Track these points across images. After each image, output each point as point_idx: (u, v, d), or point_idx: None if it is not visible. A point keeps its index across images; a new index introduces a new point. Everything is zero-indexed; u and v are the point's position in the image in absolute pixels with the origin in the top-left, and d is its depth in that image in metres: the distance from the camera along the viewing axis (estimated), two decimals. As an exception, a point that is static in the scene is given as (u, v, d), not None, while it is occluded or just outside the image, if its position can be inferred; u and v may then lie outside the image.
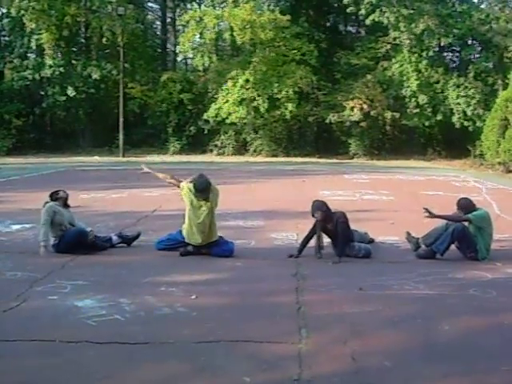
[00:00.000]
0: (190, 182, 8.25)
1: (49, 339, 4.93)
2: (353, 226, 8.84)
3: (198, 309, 5.77)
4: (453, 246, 8.09)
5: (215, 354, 4.68)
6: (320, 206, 8.11)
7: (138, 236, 8.75)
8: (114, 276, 7.02)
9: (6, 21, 37.22)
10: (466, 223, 8.07)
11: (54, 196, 8.36)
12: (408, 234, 8.66)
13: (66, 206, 8.40)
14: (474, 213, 8.06)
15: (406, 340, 5.06)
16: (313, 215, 8.09)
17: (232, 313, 5.72)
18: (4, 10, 36.71)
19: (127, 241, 8.69)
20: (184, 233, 8.23)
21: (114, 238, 8.64)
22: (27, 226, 10.13)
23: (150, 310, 5.73)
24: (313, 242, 8.14)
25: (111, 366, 4.48)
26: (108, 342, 4.89)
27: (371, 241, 8.98)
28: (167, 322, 5.44)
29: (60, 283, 6.60)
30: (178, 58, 42.09)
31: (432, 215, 8.15)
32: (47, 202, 8.24)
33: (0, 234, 9.68)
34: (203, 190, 8.02)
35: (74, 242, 8.04)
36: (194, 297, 6.13)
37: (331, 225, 8.09)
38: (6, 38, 37.91)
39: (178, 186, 8.48)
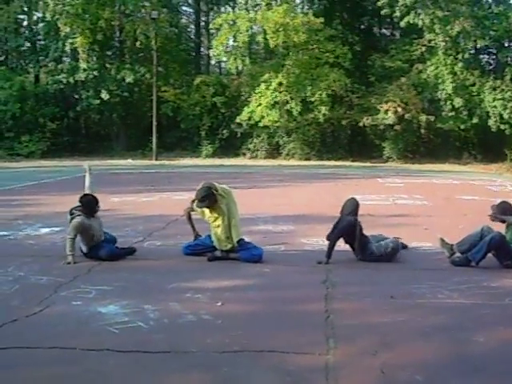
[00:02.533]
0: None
1: (69, 347, 4.80)
2: (386, 232, 8.65)
3: (224, 316, 5.61)
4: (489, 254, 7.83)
5: (239, 365, 4.51)
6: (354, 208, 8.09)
7: (131, 252, 8.37)
8: (139, 281, 6.90)
9: (41, 25, 37.76)
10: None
11: (89, 208, 8.01)
12: (442, 240, 8.40)
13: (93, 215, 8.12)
14: None
15: (439, 352, 4.83)
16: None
17: (258, 321, 5.55)
18: (39, 15, 37.19)
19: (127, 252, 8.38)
20: (213, 238, 8.14)
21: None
22: (56, 229, 10.09)
23: (175, 317, 5.59)
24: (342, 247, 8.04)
25: (131, 376, 4.34)
26: (129, 350, 4.75)
27: (404, 247, 8.74)
28: (191, 330, 5.29)
29: (85, 288, 6.50)
30: (212, 62, 42.15)
31: (496, 217, 7.88)
32: (74, 212, 7.97)
33: (28, 237, 9.63)
34: (201, 199, 7.91)
35: (105, 259, 7.91)
36: (219, 304, 5.98)
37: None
38: (42, 42, 38.41)
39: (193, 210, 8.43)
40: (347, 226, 7.94)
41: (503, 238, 7.68)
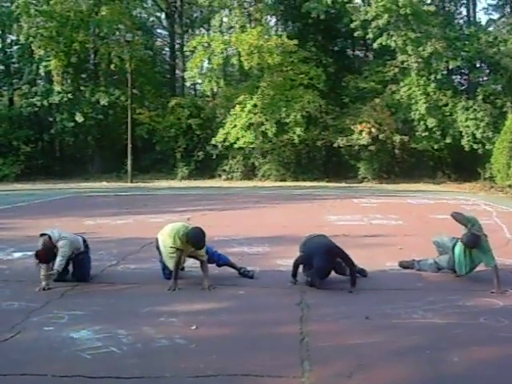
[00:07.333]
0: (181, 235, 7.77)
1: (41, 373, 4.74)
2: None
3: (198, 340, 5.56)
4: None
5: (213, 390, 4.48)
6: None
7: None
8: (113, 305, 6.83)
9: (15, 48, 37.71)
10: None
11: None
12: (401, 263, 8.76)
13: None
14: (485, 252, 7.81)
15: (414, 373, 4.83)
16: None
17: (232, 345, 5.51)
18: (13, 37, 37.14)
19: None
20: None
21: None
22: (29, 253, 9.83)
23: (148, 341, 5.53)
24: None
25: (103, 403, 4.28)
26: (102, 376, 4.69)
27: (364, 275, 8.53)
28: (165, 354, 5.23)
29: (57, 313, 6.41)
30: (187, 84, 42.15)
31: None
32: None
33: (0, 261, 9.49)
34: (202, 245, 7.73)
35: None
36: (194, 327, 5.94)
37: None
38: (15, 65, 38.31)
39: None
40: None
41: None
